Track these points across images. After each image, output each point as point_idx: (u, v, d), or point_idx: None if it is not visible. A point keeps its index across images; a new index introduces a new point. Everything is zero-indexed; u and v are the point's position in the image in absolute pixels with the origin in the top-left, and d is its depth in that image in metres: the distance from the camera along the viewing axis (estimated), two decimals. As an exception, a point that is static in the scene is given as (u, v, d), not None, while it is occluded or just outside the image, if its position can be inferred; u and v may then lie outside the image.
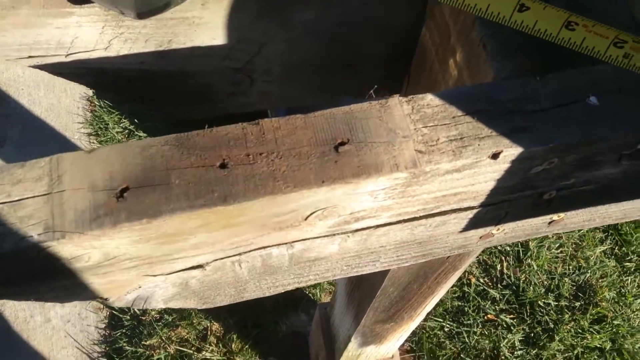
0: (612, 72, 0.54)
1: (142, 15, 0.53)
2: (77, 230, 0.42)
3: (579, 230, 2.47)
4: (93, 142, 2.38)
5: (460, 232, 0.64)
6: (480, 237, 0.68)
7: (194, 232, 0.47)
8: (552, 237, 2.45)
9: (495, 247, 2.40)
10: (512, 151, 0.50)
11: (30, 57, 0.62)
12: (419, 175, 0.49)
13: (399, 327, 1.40)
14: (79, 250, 0.44)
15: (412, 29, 0.70)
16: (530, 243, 2.40)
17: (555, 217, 0.68)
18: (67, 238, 0.42)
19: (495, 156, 0.50)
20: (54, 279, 0.48)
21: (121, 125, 2.41)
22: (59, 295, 0.51)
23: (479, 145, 0.50)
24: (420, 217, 0.58)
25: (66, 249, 0.43)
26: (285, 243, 0.55)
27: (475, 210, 0.60)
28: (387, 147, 0.49)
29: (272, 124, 0.49)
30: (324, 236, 0.56)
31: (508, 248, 2.40)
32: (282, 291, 0.65)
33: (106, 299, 0.54)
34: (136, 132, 2.39)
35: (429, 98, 0.52)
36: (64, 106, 2.42)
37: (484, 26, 0.57)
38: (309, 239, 0.56)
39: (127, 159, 0.46)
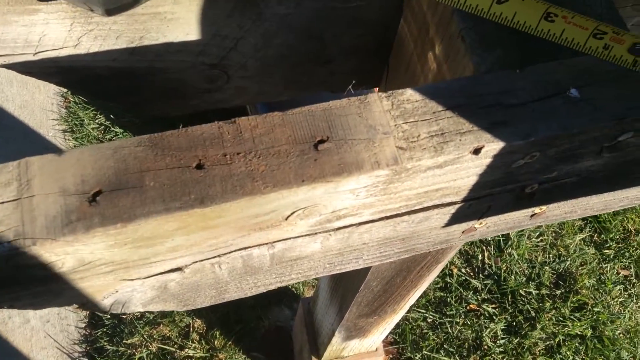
0: (593, 64, 0.54)
1: (110, 11, 0.51)
2: (49, 236, 0.41)
3: (558, 219, 2.49)
4: (68, 139, 2.34)
5: (443, 227, 0.63)
6: (463, 232, 0.67)
7: (171, 235, 0.46)
8: (532, 226, 2.47)
9: (476, 237, 2.41)
10: (493, 146, 0.49)
11: (-3, 55, 0.60)
12: (401, 172, 0.48)
13: (382, 321, 1.40)
14: (51, 256, 0.43)
15: (390, 22, 0.69)
16: (510, 233, 2.42)
17: (537, 209, 0.67)
18: (38, 245, 0.41)
19: (477, 151, 0.49)
20: (26, 287, 0.47)
21: (97, 121, 2.37)
22: (32, 302, 0.49)
23: (460, 140, 0.49)
24: (403, 214, 0.57)
25: (38, 255, 0.42)
26: (266, 243, 0.54)
27: (457, 206, 0.59)
28: (368, 144, 0.48)
29: (250, 123, 0.48)
30: (306, 235, 0.55)
31: (489, 238, 2.41)
32: (264, 291, 0.64)
33: (82, 305, 0.52)
34: (112, 128, 2.35)
35: (409, 93, 0.51)
36: (37, 103, 2.37)
37: (462, 19, 0.56)
38: (290, 238, 0.55)
39: (99, 162, 0.44)
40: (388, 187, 0.51)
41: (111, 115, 2.35)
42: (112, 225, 0.42)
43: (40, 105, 2.37)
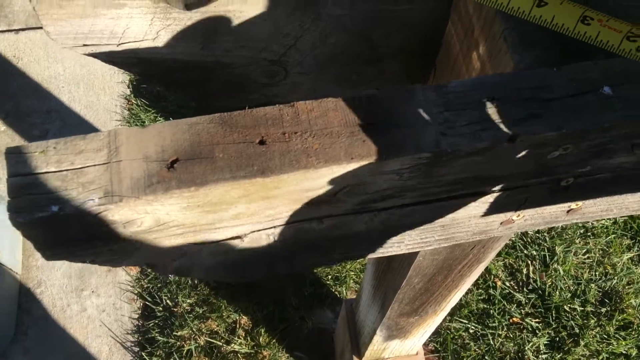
0: (626, 65, 0.57)
1: (189, 6, 0.58)
2: (133, 195, 0.48)
3: (606, 237, 2.46)
4: (129, 140, 2.46)
5: (482, 216, 0.67)
6: (501, 223, 0.71)
7: (234, 202, 0.52)
8: (579, 242, 2.45)
9: (522, 251, 2.41)
10: (528, 135, 0.54)
11: (84, 45, 0.68)
12: (441, 155, 0.53)
13: (423, 322, 1.43)
14: (133, 214, 0.49)
15: (437, 24, 0.74)
16: (557, 248, 2.41)
17: (573, 205, 0.71)
18: (124, 202, 0.47)
19: (512, 139, 0.54)
20: (107, 243, 0.54)
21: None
22: (110, 259, 0.56)
23: (498, 129, 0.54)
24: (443, 199, 0.62)
25: (122, 212, 0.49)
26: (316, 218, 0.60)
27: (495, 195, 0.63)
28: (412, 129, 0.53)
29: (306, 106, 0.54)
30: (352, 213, 0.60)
31: (534, 252, 2.41)
32: (311, 268, 0.69)
33: (152, 266, 0.59)
34: (171, 131, 2.47)
35: (452, 85, 0.56)
36: (102, 104, 2.51)
37: (505, 20, 0.61)
38: (337, 215, 0.60)
39: (177, 135, 0.51)
40: (430, 171, 0.56)
41: (170, 118, 2.47)
42: (186, 188, 0.48)
43: (104, 107, 2.51)
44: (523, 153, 0.57)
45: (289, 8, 0.68)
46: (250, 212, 0.55)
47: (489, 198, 0.64)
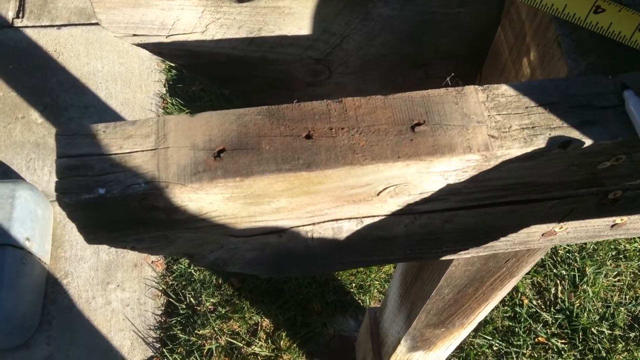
0: (685, 76, 0.56)
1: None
2: (179, 182, 0.47)
3: (639, 260, 2.40)
4: (162, 137, 2.49)
5: (524, 225, 0.66)
6: (543, 234, 0.70)
7: (277, 196, 0.52)
8: (610, 264, 2.40)
9: (551, 270, 2.36)
10: (581, 143, 0.52)
11: (134, 35, 0.68)
12: (490, 158, 0.52)
13: (449, 334, 1.41)
14: (177, 201, 0.49)
15: (487, 29, 0.73)
16: (587, 269, 2.36)
17: (618, 220, 0.69)
18: (169, 188, 0.47)
19: (564, 146, 0.52)
20: (149, 230, 0.54)
21: (190, 122, 2.51)
22: (150, 247, 0.56)
23: (549, 134, 0.52)
24: (487, 205, 0.61)
25: (167, 199, 0.49)
26: (356, 217, 0.59)
27: (541, 204, 0.62)
28: (461, 130, 0.52)
29: (354, 103, 0.54)
30: (393, 214, 0.59)
31: (564, 272, 2.36)
32: (347, 269, 0.69)
33: (192, 256, 0.59)
34: (203, 130, 2.48)
35: (504, 88, 0.55)
36: (138, 101, 2.54)
37: (560, 26, 0.59)
38: (378, 215, 0.59)
39: (224, 124, 0.51)
40: (477, 175, 0.55)
41: (203, 118, 2.49)
42: (232, 178, 0.48)
43: (140, 104, 2.54)
44: (574, 161, 0.55)
45: (339, 6, 0.68)
46: (291, 207, 0.54)
47: (535, 207, 0.62)
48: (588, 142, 0.52)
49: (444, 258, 0.71)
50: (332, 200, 0.55)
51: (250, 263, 0.63)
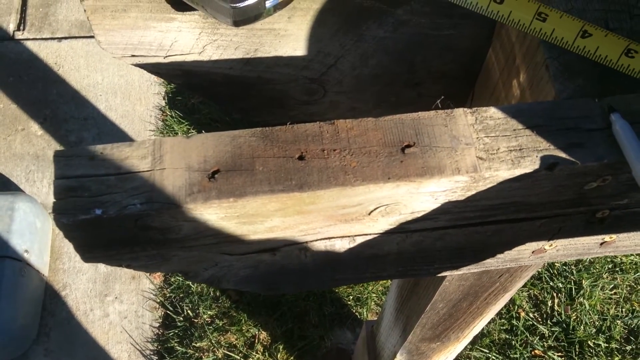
0: (670, 99, 0.57)
1: (238, 23, 0.59)
2: (174, 203, 0.49)
3: (635, 273, 2.41)
4: (161, 150, 2.50)
5: (514, 243, 0.67)
6: (533, 252, 0.71)
7: (270, 215, 0.53)
8: (607, 277, 2.41)
9: (547, 282, 2.37)
10: (568, 164, 0.54)
11: (133, 56, 0.70)
12: (479, 180, 0.53)
13: (444, 348, 1.42)
14: (172, 222, 0.50)
15: (478, 50, 0.75)
16: (583, 282, 2.37)
17: (607, 237, 0.70)
18: (165, 209, 0.49)
19: (551, 167, 0.54)
20: (144, 249, 0.55)
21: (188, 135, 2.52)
22: (146, 265, 0.57)
23: (536, 156, 0.54)
24: (477, 224, 0.62)
25: (162, 219, 0.50)
26: (349, 236, 0.60)
27: (529, 222, 0.63)
28: (450, 152, 0.54)
29: (346, 125, 0.55)
30: (385, 233, 0.61)
31: (560, 285, 2.37)
32: (340, 286, 0.70)
33: (186, 273, 0.60)
34: (202, 143, 2.50)
35: (492, 111, 0.56)
36: (137, 114, 2.55)
37: (548, 49, 0.61)
38: (370, 234, 0.60)
39: (219, 146, 0.52)
40: (466, 195, 0.56)
41: (203, 131, 2.50)
42: (226, 198, 0.49)
43: (139, 117, 2.55)
44: (561, 182, 0.56)
45: (334, 28, 0.69)
46: (284, 226, 0.55)
47: (523, 226, 0.64)
48: (574, 163, 0.54)
49: (436, 275, 0.73)
50: (325, 219, 0.56)
51: (244, 280, 0.64)
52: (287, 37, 0.70)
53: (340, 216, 0.56)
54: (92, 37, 2.72)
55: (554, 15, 0.59)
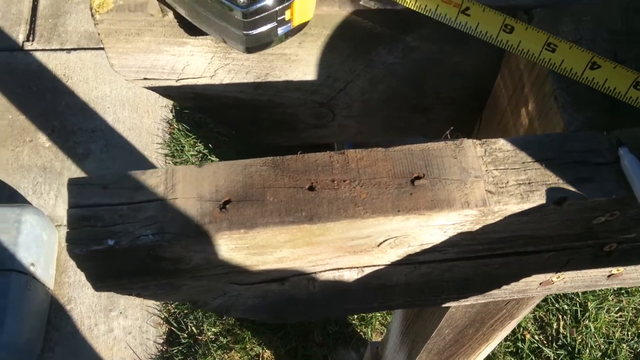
0: (679, 134, 0.57)
1: (250, 50, 0.60)
2: (186, 233, 0.49)
3: (642, 295, 2.40)
4: (168, 163, 2.51)
5: (522, 276, 0.67)
6: (540, 284, 0.71)
7: (280, 246, 0.53)
8: (612, 300, 2.39)
9: (553, 304, 2.36)
10: (576, 199, 0.54)
11: (145, 79, 0.70)
12: (488, 214, 0.54)
13: (450, 371, 1.41)
14: (183, 252, 0.51)
15: (487, 77, 0.75)
16: (589, 304, 2.35)
17: (614, 270, 0.70)
18: (176, 240, 0.49)
19: (560, 202, 0.54)
20: (155, 278, 0.55)
21: (196, 148, 2.53)
22: (156, 293, 0.57)
23: (545, 190, 0.54)
24: (485, 257, 0.62)
25: (174, 250, 0.50)
26: (357, 267, 0.60)
27: (537, 255, 0.63)
28: (460, 185, 0.54)
29: (356, 155, 0.55)
30: (393, 264, 0.61)
31: (566, 307, 2.35)
32: (347, 315, 0.70)
33: (195, 302, 0.60)
34: (209, 157, 2.51)
35: (501, 143, 0.56)
36: (145, 126, 2.57)
37: (557, 79, 0.61)
38: (379, 265, 0.60)
39: (230, 175, 0.52)
40: (474, 228, 0.56)
41: (209, 145, 2.51)
42: (236, 230, 0.50)
43: (147, 129, 2.56)
44: (569, 216, 0.56)
45: (344, 54, 0.70)
46: (294, 257, 0.56)
47: (531, 258, 0.63)
48: (583, 199, 0.54)
49: (443, 305, 0.72)
50: (334, 251, 0.56)
51: (252, 309, 0.64)
52: (297, 62, 0.70)
53: (349, 247, 0.56)
54: (101, 49, 2.74)
55: (563, 46, 0.59)
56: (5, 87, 2.61)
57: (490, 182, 0.54)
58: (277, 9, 0.56)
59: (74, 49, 2.74)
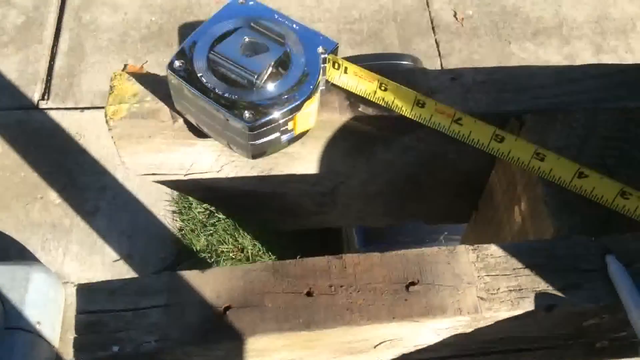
0: (665, 241, 0.60)
1: (255, 156, 0.64)
2: (188, 340, 0.51)
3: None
4: (176, 220, 2.54)
5: (516, 371, 0.68)
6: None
7: (278, 349, 0.55)
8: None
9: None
10: (565, 306, 0.56)
11: (154, 174, 0.74)
12: (480, 319, 0.56)
13: None
14: (185, 358, 0.53)
15: (483, 171, 0.78)
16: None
17: (609, 363, 0.71)
18: (178, 346, 0.51)
19: (549, 309, 0.56)
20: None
21: (203, 206, 2.57)
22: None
23: (535, 297, 0.56)
24: (479, 354, 0.64)
25: (176, 356, 0.52)
26: (354, 364, 0.62)
27: (530, 352, 0.65)
28: (452, 291, 0.56)
29: (353, 260, 0.58)
30: (389, 361, 0.62)
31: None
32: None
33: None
34: (216, 214, 2.54)
35: (493, 248, 0.59)
36: (154, 184, 2.60)
37: (547, 185, 0.64)
38: (375, 362, 0.62)
39: (232, 280, 0.55)
40: (467, 331, 0.58)
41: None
42: (237, 337, 0.52)
43: (156, 186, 2.59)
44: (559, 321, 0.58)
45: (344, 151, 0.73)
46: (292, 358, 0.58)
47: (524, 355, 0.65)
48: (572, 305, 0.56)
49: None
50: (331, 352, 0.58)
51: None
52: (300, 159, 0.74)
53: (346, 349, 0.58)
54: (114, 107, 2.81)
55: (551, 156, 0.62)
56: (18, 144, 2.67)
57: (482, 289, 0.56)
58: (281, 121, 0.60)
59: (88, 108, 2.81)
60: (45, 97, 2.83)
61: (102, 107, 2.66)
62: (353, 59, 0.67)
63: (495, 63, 2.97)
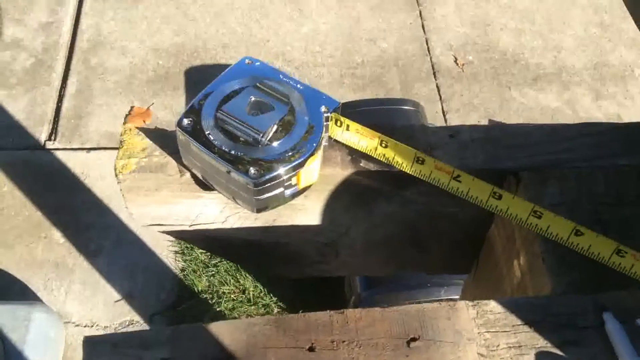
0: (661, 297, 0.61)
1: (259, 211, 0.65)
2: (190, 395, 0.52)
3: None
4: (178, 260, 2.54)
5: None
6: None
7: (280, 404, 0.56)
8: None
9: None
10: (564, 363, 0.57)
11: (160, 224, 0.76)
12: (479, 376, 0.56)
13: None
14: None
15: (483, 224, 0.80)
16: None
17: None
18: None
19: (548, 366, 0.56)
20: None
21: (205, 247, 2.57)
22: None
23: (535, 354, 0.57)
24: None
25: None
26: (355, 417, 0.62)
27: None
28: (453, 348, 0.57)
29: (355, 315, 0.59)
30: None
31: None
32: None
33: None
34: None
35: (492, 305, 0.60)
36: (157, 225, 2.62)
37: (544, 242, 0.65)
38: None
39: (235, 334, 0.56)
40: (467, 385, 0.58)
41: (218, 244, 2.56)
42: (238, 392, 0.53)
43: (158, 227, 2.62)
44: (558, 376, 0.59)
45: (346, 204, 0.75)
46: (294, 412, 0.58)
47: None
48: (570, 363, 0.57)
49: None
50: (332, 406, 0.59)
51: None
52: (303, 210, 0.75)
53: (347, 403, 0.59)
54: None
55: (548, 214, 0.64)
56: (24, 184, 2.70)
57: (482, 345, 0.57)
58: (285, 177, 0.62)
59: (94, 149, 2.85)
60: (52, 137, 2.87)
61: (108, 148, 2.70)
62: (356, 104, 0.69)
63: (496, 108, 3.01)
